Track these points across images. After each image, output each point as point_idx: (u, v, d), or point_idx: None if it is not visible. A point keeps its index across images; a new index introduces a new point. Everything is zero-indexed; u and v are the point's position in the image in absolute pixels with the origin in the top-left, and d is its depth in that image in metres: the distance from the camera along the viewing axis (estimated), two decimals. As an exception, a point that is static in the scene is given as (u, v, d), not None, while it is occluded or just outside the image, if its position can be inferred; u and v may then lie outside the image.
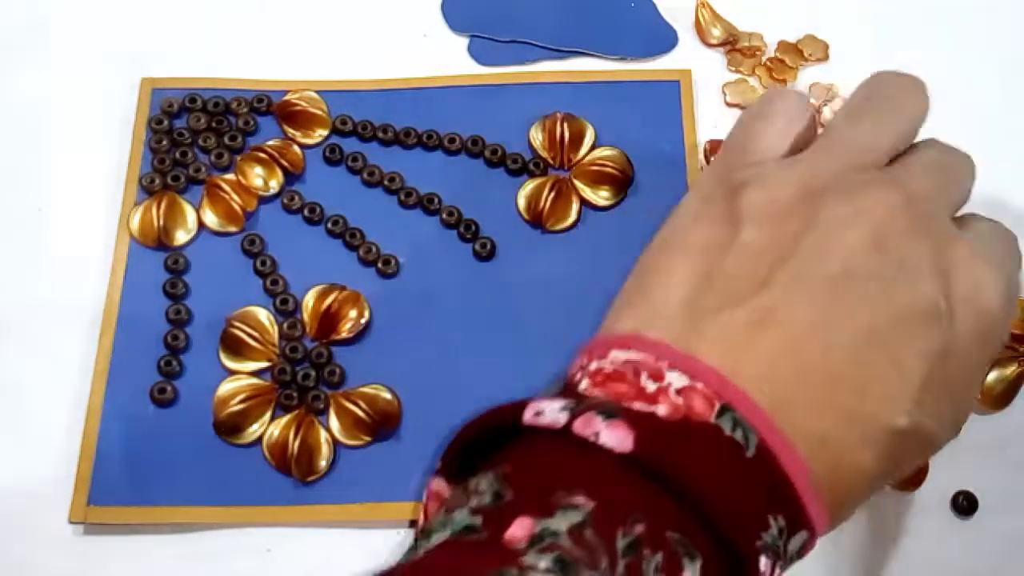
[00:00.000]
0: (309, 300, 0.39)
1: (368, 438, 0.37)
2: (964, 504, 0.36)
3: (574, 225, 0.41)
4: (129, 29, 0.45)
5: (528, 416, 0.25)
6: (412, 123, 0.43)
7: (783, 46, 0.45)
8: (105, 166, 0.42)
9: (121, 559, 0.36)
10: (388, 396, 0.37)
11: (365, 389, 0.37)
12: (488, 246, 0.40)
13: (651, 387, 0.25)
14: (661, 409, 0.24)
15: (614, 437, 0.24)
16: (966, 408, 0.29)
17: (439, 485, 0.28)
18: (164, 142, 0.42)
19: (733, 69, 0.44)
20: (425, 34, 0.46)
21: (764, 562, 0.24)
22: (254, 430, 0.37)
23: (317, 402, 0.37)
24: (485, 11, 0.46)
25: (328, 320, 0.38)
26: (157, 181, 0.41)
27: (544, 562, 0.22)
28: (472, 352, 0.38)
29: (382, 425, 0.37)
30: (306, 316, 0.39)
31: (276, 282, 0.39)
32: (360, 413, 0.37)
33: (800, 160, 0.29)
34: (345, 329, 0.38)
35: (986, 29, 0.46)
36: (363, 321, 0.38)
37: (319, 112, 0.43)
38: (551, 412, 0.25)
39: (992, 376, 0.38)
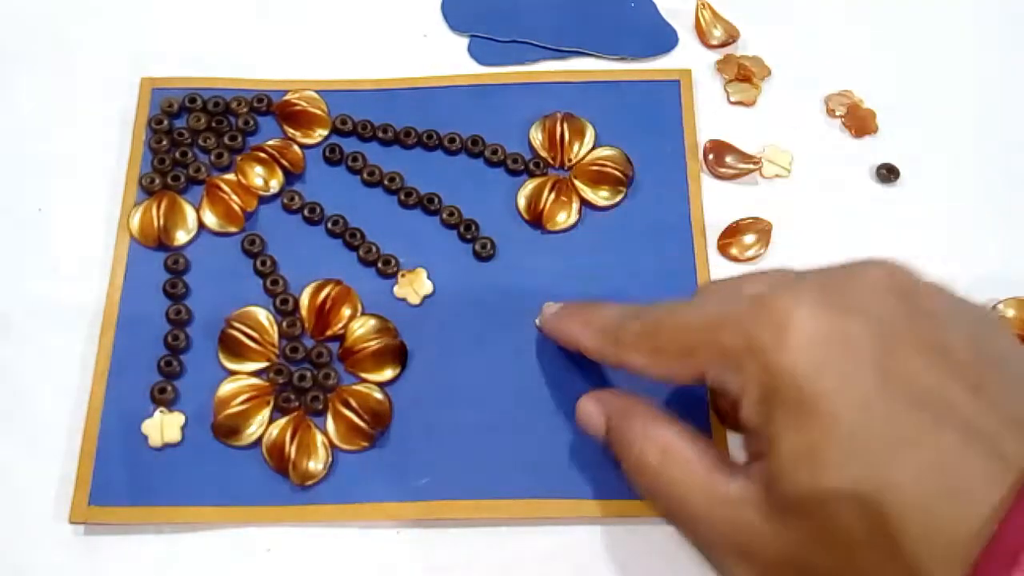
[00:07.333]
0: (305, 298, 0.39)
1: (365, 444, 0.37)
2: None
3: (574, 225, 0.41)
4: (129, 29, 0.45)
5: None
6: (412, 123, 0.43)
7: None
8: (105, 166, 0.42)
9: (121, 559, 0.36)
10: (379, 396, 0.37)
11: (358, 387, 0.37)
12: (488, 246, 0.40)
13: None
14: None
15: None
16: None
17: None
18: (164, 142, 0.42)
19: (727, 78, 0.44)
20: (425, 34, 0.46)
21: None
22: (252, 432, 0.37)
23: (316, 403, 0.37)
24: (485, 11, 0.46)
25: (324, 316, 0.38)
26: (157, 181, 0.41)
27: None
28: (471, 352, 0.38)
29: (376, 428, 0.37)
30: (304, 313, 0.39)
31: (276, 282, 0.39)
32: (355, 419, 0.36)
33: None
34: (340, 325, 0.38)
35: (985, 26, 0.46)
36: (357, 316, 0.39)
37: (319, 112, 0.43)
38: None
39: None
